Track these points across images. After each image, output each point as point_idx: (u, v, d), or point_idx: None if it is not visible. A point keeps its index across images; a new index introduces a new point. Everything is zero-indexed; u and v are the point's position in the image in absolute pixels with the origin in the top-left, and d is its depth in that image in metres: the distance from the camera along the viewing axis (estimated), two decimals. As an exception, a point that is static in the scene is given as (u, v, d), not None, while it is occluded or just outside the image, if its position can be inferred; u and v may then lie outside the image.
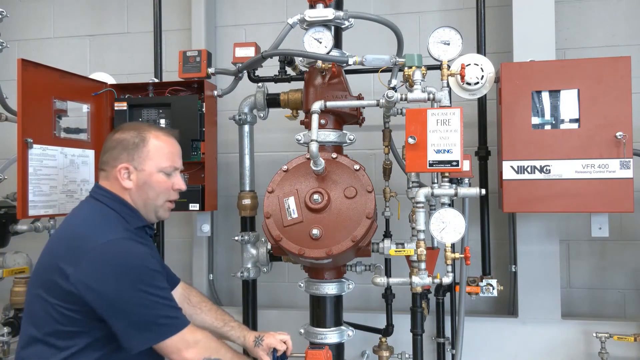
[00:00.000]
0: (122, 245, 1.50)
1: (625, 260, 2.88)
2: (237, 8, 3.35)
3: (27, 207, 2.11)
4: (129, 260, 1.49)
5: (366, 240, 2.02)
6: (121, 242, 1.51)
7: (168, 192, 1.68)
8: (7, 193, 2.98)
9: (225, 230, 3.27)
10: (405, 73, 2.02)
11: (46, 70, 2.26)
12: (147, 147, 1.63)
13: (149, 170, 1.63)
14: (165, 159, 1.65)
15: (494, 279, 2.56)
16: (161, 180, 1.64)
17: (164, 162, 1.65)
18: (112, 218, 1.59)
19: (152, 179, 1.63)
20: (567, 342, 2.65)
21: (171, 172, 1.67)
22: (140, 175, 1.62)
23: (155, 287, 1.50)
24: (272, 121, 2.77)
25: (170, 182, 1.67)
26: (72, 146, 2.36)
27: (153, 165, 1.63)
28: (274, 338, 1.82)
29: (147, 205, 1.66)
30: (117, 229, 1.55)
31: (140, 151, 1.62)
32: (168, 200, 1.70)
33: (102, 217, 1.59)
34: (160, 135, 1.68)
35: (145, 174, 1.62)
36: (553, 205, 2.29)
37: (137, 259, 1.51)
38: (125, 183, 1.62)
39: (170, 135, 1.72)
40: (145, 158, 1.62)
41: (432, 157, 1.87)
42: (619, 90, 2.23)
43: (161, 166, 1.64)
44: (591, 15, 2.94)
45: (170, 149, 1.68)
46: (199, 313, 1.94)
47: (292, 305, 3.17)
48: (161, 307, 1.51)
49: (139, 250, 1.53)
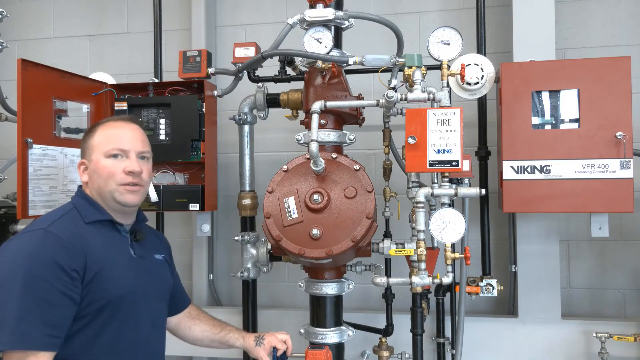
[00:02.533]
0: (34, 238, 1.43)
1: (625, 260, 2.88)
2: (237, 8, 3.35)
3: (27, 207, 2.11)
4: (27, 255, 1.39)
5: (366, 240, 2.02)
6: (37, 233, 1.44)
7: (115, 176, 1.58)
8: (7, 193, 2.98)
9: (225, 230, 3.27)
10: (405, 73, 2.02)
11: (46, 70, 2.26)
12: (93, 137, 1.62)
13: (95, 159, 1.60)
14: (108, 143, 1.60)
15: (494, 279, 2.56)
16: (107, 165, 1.58)
17: (107, 146, 1.59)
18: (58, 212, 1.56)
19: (99, 166, 1.59)
20: (567, 342, 2.65)
21: (118, 154, 1.59)
22: (90, 166, 1.61)
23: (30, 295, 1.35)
24: (272, 121, 2.77)
25: (117, 166, 1.59)
26: (72, 146, 2.36)
27: (98, 152, 1.60)
28: (274, 337, 1.82)
29: (102, 194, 1.60)
30: (49, 221, 1.48)
31: (88, 143, 1.62)
32: (122, 184, 1.59)
33: (54, 212, 1.57)
34: (110, 123, 1.65)
35: (93, 163, 1.60)
36: (553, 205, 2.29)
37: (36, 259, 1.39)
38: (83, 178, 1.63)
39: (124, 120, 1.69)
40: (92, 148, 1.61)
41: (432, 157, 1.87)
42: (619, 90, 2.23)
43: (104, 150, 1.59)
44: (591, 15, 2.94)
45: (115, 132, 1.62)
46: (198, 323, 1.95)
47: (292, 305, 3.17)
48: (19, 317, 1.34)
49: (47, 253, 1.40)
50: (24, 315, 1.34)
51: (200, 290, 3.20)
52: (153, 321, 1.67)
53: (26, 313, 1.34)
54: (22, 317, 1.34)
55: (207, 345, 1.95)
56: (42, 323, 1.36)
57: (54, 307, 1.38)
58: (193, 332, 1.94)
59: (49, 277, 1.38)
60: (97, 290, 1.47)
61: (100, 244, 1.53)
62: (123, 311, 1.53)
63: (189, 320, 1.95)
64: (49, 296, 1.37)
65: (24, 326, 1.34)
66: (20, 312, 1.34)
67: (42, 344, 1.35)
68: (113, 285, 1.51)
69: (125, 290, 1.54)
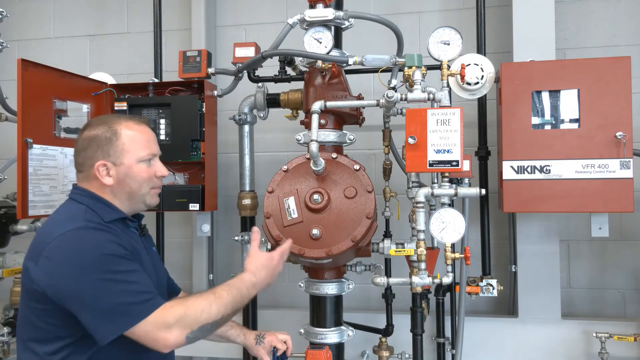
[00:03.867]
0: (76, 235, 1.43)
1: (625, 260, 2.88)
2: (237, 8, 3.35)
3: (27, 207, 2.11)
4: (81, 249, 1.41)
5: (366, 240, 2.02)
6: (75, 232, 1.43)
7: (151, 181, 1.61)
8: (7, 193, 2.98)
9: (225, 230, 3.27)
10: (405, 73, 2.02)
11: (46, 70, 2.26)
12: (120, 139, 1.56)
13: (128, 163, 1.57)
14: (141, 148, 1.59)
15: (494, 279, 2.56)
16: (142, 170, 1.59)
17: (141, 151, 1.59)
18: (77, 212, 1.52)
19: (133, 171, 1.57)
20: (567, 342, 2.65)
21: (150, 159, 1.62)
22: (120, 169, 1.56)
23: (111, 272, 1.40)
24: (272, 121, 2.77)
25: (151, 170, 1.61)
26: (72, 146, 2.33)
27: (131, 157, 1.57)
28: (275, 337, 1.82)
29: (132, 197, 1.60)
30: (76, 220, 1.47)
31: (115, 145, 1.56)
32: (153, 188, 1.63)
33: (68, 213, 1.54)
34: (131, 124, 1.61)
35: (125, 167, 1.56)
36: (553, 205, 2.29)
37: (91, 246, 1.42)
38: (105, 180, 1.56)
39: (141, 122, 1.66)
40: (122, 151, 1.56)
41: (432, 157, 1.87)
42: (619, 90, 2.23)
43: (139, 156, 1.58)
44: (591, 15, 2.94)
45: (145, 137, 1.62)
46: None
47: (292, 305, 3.17)
48: (120, 292, 1.39)
49: (94, 237, 1.44)
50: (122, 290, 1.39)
51: (200, 290, 3.20)
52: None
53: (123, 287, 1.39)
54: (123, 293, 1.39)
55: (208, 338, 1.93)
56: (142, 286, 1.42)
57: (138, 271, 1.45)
58: None
59: (118, 253, 1.43)
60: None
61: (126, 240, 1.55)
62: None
63: None
64: (129, 266, 1.43)
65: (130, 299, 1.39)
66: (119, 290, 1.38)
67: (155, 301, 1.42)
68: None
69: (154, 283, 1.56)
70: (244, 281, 1.63)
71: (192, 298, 1.49)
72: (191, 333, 1.42)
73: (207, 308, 1.46)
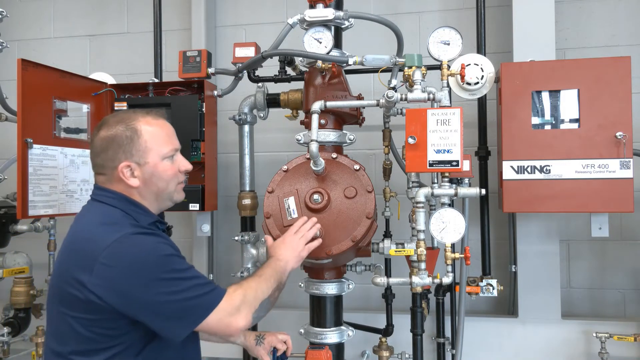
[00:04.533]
0: (131, 241, 1.40)
1: (625, 260, 2.88)
2: (237, 8, 3.35)
3: (27, 207, 2.11)
4: (142, 254, 1.39)
5: (366, 240, 2.02)
6: (129, 237, 1.40)
7: (177, 177, 1.58)
8: (7, 193, 2.98)
9: (225, 230, 3.27)
10: (405, 73, 2.02)
11: (46, 70, 2.26)
12: (142, 137, 1.50)
13: (153, 162, 1.51)
14: (164, 144, 1.54)
15: (494, 279, 2.56)
16: (167, 168, 1.54)
17: (164, 147, 1.54)
18: (117, 216, 1.48)
19: (159, 169, 1.52)
20: (567, 342, 2.65)
21: (173, 155, 1.57)
22: (145, 169, 1.51)
23: (175, 271, 1.40)
24: (272, 121, 2.77)
25: (176, 166, 1.57)
26: (72, 146, 2.36)
27: (155, 154, 1.52)
28: (275, 337, 1.83)
29: (160, 196, 1.56)
30: (123, 226, 1.44)
31: (137, 144, 1.49)
32: (179, 183, 1.60)
33: (106, 218, 1.48)
34: (149, 120, 1.54)
35: (150, 166, 1.51)
36: (553, 205, 2.29)
37: (150, 249, 1.40)
38: (131, 182, 1.50)
39: (159, 117, 1.59)
40: (145, 150, 1.50)
41: (432, 157, 1.87)
42: (619, 90, 2.23)
43: (163, 153, 1.53)
44: (591, 15, 2.94)
45: (165, 132, 1.56)
46: None
47: (292, 305, 3.16)
48: (188, 288, 1.40)
49: (149, 241, 1.42)
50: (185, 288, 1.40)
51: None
52: None
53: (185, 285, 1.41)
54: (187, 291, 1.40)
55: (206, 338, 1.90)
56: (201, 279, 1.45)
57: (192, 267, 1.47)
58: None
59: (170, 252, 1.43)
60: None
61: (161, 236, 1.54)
62: None
63: None
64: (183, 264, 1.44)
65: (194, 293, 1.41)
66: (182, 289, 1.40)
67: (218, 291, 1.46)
68: None
69: None
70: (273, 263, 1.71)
71: (243, 282, 1.56)
72: (255, 312, 1.51)
73: (259, 286, 1.56)
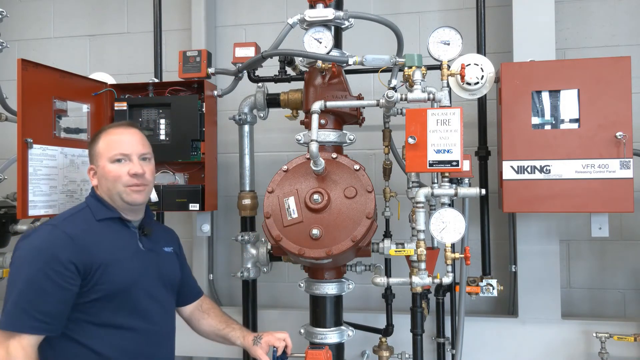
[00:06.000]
0: (45, 233, 1.62)
1: (625, 260, 2.88)
2: (237, 8, 3.35)
3: (27, 207, 2.11)
4: (35, 248, 1.59)
5: (366, 240, 2.02)
6: (48, 229, 1.63)
7: (121, 179, 1.72)
8: (7, 193, 2.98)
9: (225, 230, 3.27)
10: (405, 73, 2.02)
11: (46, 70, 2.26)
12: (98, 144, 1.76)
13: (102, 164, 1.74)
14: (112, 149, 1.73)
15: (494, 279, 2.56)
16: (112, 169, 1.72)
17: (111, 152, 1.73)
18: (72, 210, 1.76)
19: (105, 171, 1.73)
20: (567, 342, 2.65)
21: (121, 158, 1.73)
22: (98, 171, 1.75)
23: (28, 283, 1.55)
24: (272, 121, 2.77)
25: (122, 169, 1.72)
26: (72, 146, 2.36)
27: (104, 158, 1.73)
28: (272, 336, 1.83)
29: (110, 195, 1.74)
30: (58, 218, 1.71)
31: (94, 150, 1.77)
32: (128, 186, 1.73)
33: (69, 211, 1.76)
34: (111, 130, 1.79)
35: (100, 169, 1.74)
36: (553, 205, 2.29)
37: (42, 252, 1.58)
38: (93, 181, 1.78)
39: (123, 126, 1.82)
40: (98, 155, 1.75)
41: (432, 157, 1.87)
42: (619, 90, 2.23)
43: (109, 156, 1.73)
44: (591, 15, 2.94)
45: (117, 138, 1.76)
46: (206, 317, 2.01)
47: (292, 305, 3.17)
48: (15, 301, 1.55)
49: (52, 248, 1.58)
50: (18, 301, 1.55)
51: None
52: (162, 305, 1.80)
53: (21, 299, 1.55)
54: (17, 303, 1.55)
55: (213, 339, 2.01)
56: (33, 309, 1.54)
57: (48, 295, 1.56)
58: (201, 326, 2.01)
59: (47, 270, 1.56)
60: (104, 281, 1.63)
61: (109, 239, 1.70)
62: (132, 297, 1.69)
63: (199, 313, 2.02)
64: (45, 286, 1.55)
65: (16, 311, 1.54)
66: (17, 298, 1.55)
67: (27, 327, 1.54)
68: (118, 275, 1.66)
69: (130, 279, 1.69)
70: None
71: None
72: None
73: None
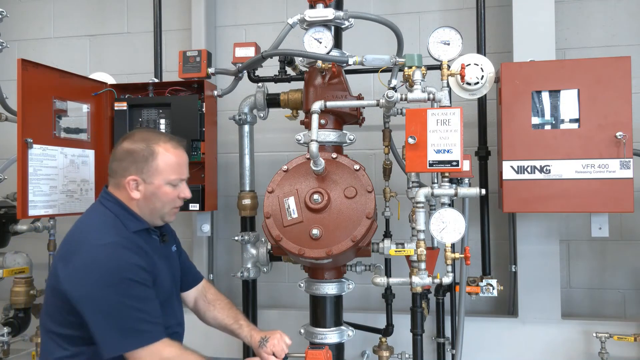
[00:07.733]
0: (110, 251, 1.55)
1: (625, 260, 2.88)
2: (237, 8, 3.35)
3: (27, 207, 2.11)
4: (113, 267, 1.52)
5: (366, 240, 2.02)
6: (110, 247, 1.56)
7: (174, 202, 1.74)
8: (7, 193, 2.98)
9: (225, 230, 3.27)
10: (405, 73, 2.02)
11: (46, 70, 2.26)
12: (155, 161, 1.67)
13: (157, 184, 1.68)
14: (172, 172, 1.70)
15: (494, 279, 2.56)
16: (168, 192, 1.70)
17: (172, 175, 1.70)
18: (109, 222, 1.64)
19: (160, 192, 1.69)
20: (567, 342, 2.65)
21: (178, 183, 1.72)
22: (148, 187, 1.68)
23: (131, 298, 1.53)
24: (272, 121, 2.77)
25: (176, 192, 1.73)
26: (72, 146, 2.36)
27: (161, 179, 1.68)
28: (278, 345, 1.80)
29: (154, 213, 1.72)
30: (111, 233, 1.60)
31: (149, 165, 1.67)
32: (174, 207, 1.76)
33: (100, 221, 1.65)
34: (169, 147, 1.71)
35: (154, 187, 1.68)
36: (553, 205, 2.29)
37: (121, 266, 1.53)
38: (133, 194, 1.68)
39: (179, 146, 1.76)
40: (154, 172, 1.67)
41: (432, 157, 1.87)
42: (619, 90, 2.23)
43: (169, 179, 1.69)
44: (591, 15, 2.94)
45: (178, 161, 1.72)
46: (212, 310, 1.99)
47: (292, 305, 3.17)
48: (134, 318, 1.53)
49: (126, 259, 1.55)
50: (134, 315, 1.52)
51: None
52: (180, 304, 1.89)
53: (135, 313, 1.53)
54: (128, 320, 1.52)
55: (221, 330, 2.00)
56: (151, 316, 1.55)
57: (152, 300, 1.58)
58: (208, 318, 2.00)
59: (139, 278, 1.55)
60: (158, 288, 1.65)
61: (148, 249, 1.68)
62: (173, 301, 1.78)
63: (205, 305, 2.00)
64: (145, 294, 1.57)
65: (139, 325, 1.53)
66: (131, 313, 1.52)
67: (159, 333, 1.56)
68: (165, 281, 1.72)
69: (170, 285, 1.76)
70: None
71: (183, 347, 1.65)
72: None
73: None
